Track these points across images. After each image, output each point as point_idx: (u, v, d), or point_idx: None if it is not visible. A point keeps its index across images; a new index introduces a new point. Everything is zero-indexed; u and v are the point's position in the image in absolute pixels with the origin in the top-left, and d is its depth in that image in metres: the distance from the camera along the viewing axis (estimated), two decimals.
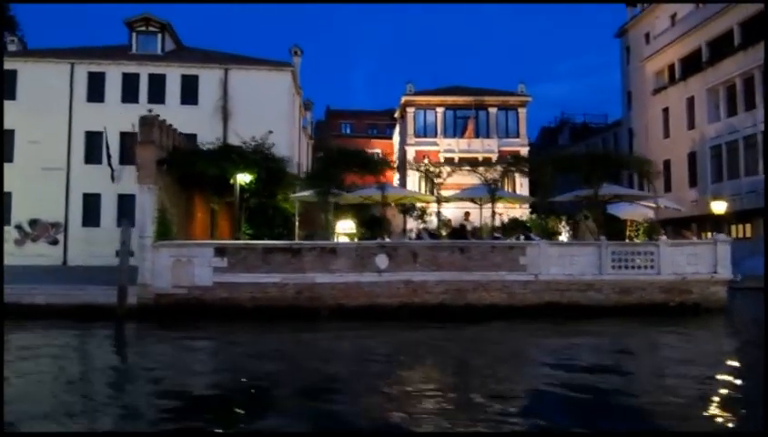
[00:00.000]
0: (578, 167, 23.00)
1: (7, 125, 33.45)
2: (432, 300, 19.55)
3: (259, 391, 10.49)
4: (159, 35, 36.50)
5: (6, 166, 33.01)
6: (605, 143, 49.89)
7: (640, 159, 25.97)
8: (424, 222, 26.77)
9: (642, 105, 43.95)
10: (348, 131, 57.28)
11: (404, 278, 19.43)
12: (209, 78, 34.89)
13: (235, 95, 34.72)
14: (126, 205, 33.70)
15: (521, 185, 39.24)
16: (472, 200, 25.70)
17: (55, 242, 33.87)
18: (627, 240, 23.17)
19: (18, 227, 33.80)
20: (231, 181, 21.37)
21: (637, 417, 8.94)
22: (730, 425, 8.58)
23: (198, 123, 34.36)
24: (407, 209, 27.54)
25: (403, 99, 40.56)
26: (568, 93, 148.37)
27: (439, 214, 24.70)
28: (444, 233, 22.96)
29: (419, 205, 27.06)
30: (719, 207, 28.96)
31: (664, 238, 22.17)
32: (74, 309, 18.30)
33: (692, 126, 37.90)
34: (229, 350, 14.90)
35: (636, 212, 25.72)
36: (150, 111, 21.57)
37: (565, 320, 19.08)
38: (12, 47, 36.76)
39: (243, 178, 21.26)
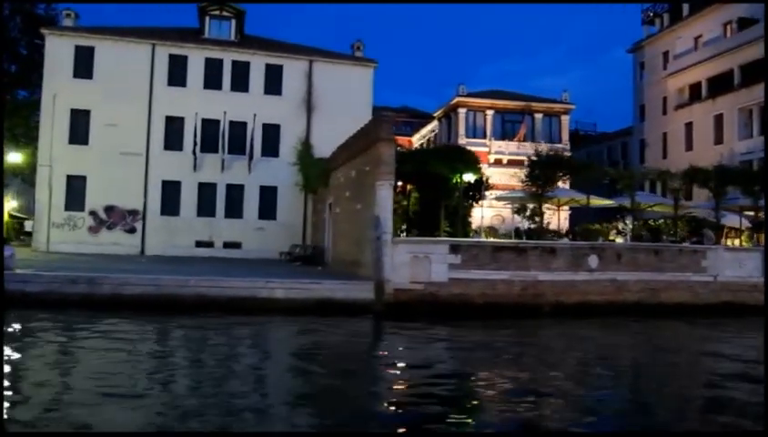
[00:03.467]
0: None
1: (84, 105, 32.11)
2: (631, 298, 21.06)
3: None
4: (233, 21, 35.66)
5: (82, 148, 31.76)
6: (612, 152, 53.20)
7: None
8: (534, 222, 28.11)
9: (658, 118, 47.39)
10: None
11: (610, 276, 20.83)
12: (294, 69, 34.60)
13: (318, 87, 34.61)
14: (206, 194, 33.10)
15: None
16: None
17: (132, 230, 32.53)
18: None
19: (93, 213, 32.19)
20: (455, 181, 21.86)
21: None
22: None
23: (281, 114, 34.22)
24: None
25: (455, 100, 41.63)
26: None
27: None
28: (644, 234, 24.50)
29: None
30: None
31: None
32: (313, 304, 18.29)
33: (719, 141, 41.45)
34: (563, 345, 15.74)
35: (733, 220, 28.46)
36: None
37: (737, 317, 21.20)
38: (68, 22, 34.64)
39: (468, 178, 21.81)
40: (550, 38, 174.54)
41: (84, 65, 32.25)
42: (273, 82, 34.30)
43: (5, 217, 58.37)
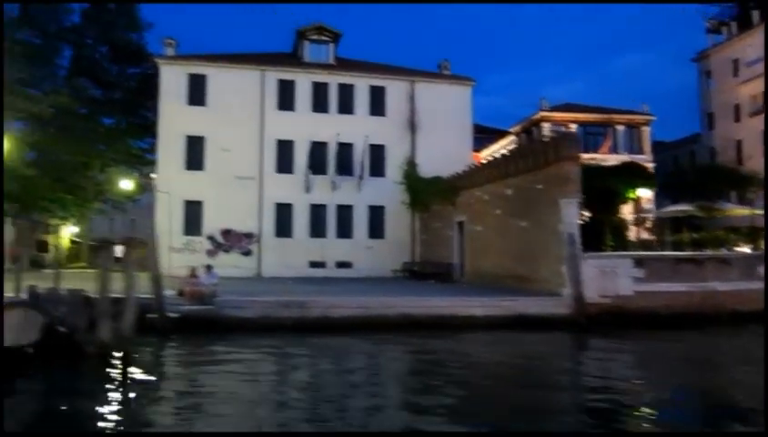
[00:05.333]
0: None
1: (198, 132, 32.71)
2: None
3: None
4: (330, 45, 36.31)
5: (198, 174, 32.32)
6: (678, 160, 53.63)
7: None
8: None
9: (729, 126, 47.85)
10: None
11: None
12: (396, 90, 35.18)
13: (420, 107, 35.15)
14: (317, 215, 33.59)
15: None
16: None
17: (248, 253, 32.98)
18: None
19: (210, 237, 32.66)
20: (629, 195, 22.34)
21: None
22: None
23: (385, 134, 34.75)
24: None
25: (538, 115, 42.21)
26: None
27: None
28: None
29: None
30: None
31: None
32: (509, 321, 18.66)
33: None
34: None
35: None
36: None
37: None
38: (169, 51, 35.36)
39: (644, 193, 22.28)
40: (554, 47, 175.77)
41: (197, 92, 32.89)
42: (377, 103, 34.90)
43: (66, 242, 59.08)
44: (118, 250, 43.44)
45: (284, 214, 33.42)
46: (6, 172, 30.63)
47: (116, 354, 11.88)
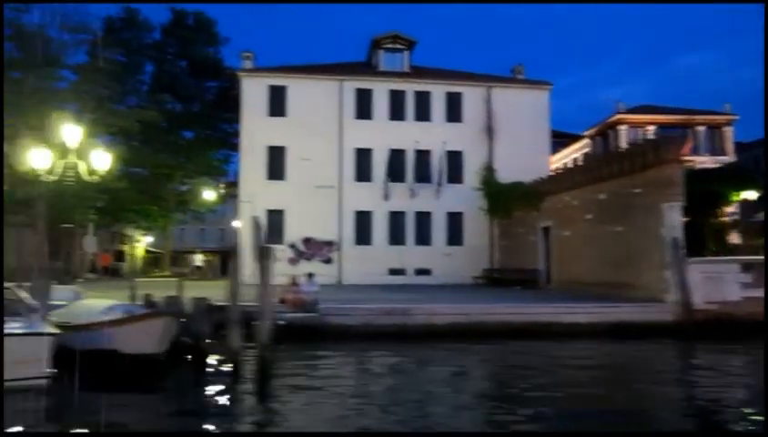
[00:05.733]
0: None
1: (279, 142, 33.27)
2: None
3: None
4: (405, 53, 36.48)
5: (279, 184, 32.83)
6: (758, 161, 51.69)
7: None
8: None
9: None
10: None
11: None
12: (473, 96, 35.05)
13: (497, 113, 34.92)
14: (396, 222, 33.69)
15: None
16: None
17: (328, 261, 33.32)
18: None
19: (292, 245, 33.14)
20: (734, 198, 21.78)
21: None
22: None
23: (463, 140, 34.66)
24: None
25: (615, 117, 41.45)
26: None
27: None
28: None
29: None
30: None
31: None
32: (611, 328, 18.26)
33: None
34: None
35: None
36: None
37: None
38: (247, 64, 36.19)
39: (750, 196, 21.68)
40: (609, 49, 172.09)
41: (277, 103, 33.52)
42: (454, 110, 34.86)
43: (141, 251, 60.96)
44: (198, 259, 45.00)
45: (363, 222, 33.68)
46: (99, 185, 31.85)
47: (246, 360, 12.16)
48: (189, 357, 13.08)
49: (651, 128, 41.60)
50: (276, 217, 33.16)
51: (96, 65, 34.31)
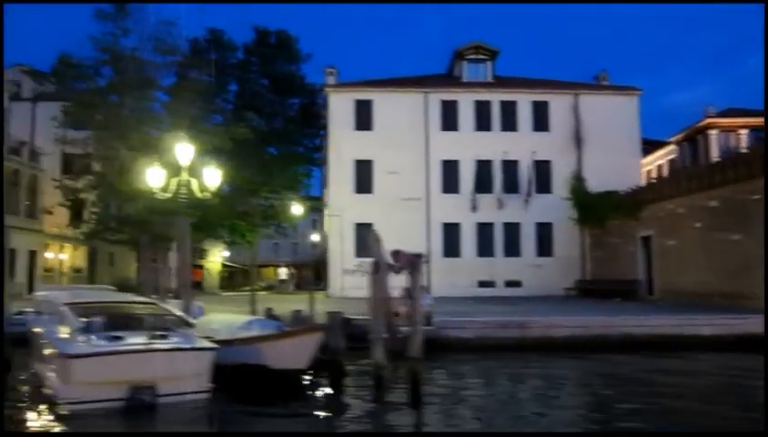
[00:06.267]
0: None
1: (365, 156, 33.43)
2: None
3: None
4: (488, 63, 36.24)
5: (366, 197, 32.92)
6: None
7: None
8: None
9: None
10: None
11: None
12: (560, 104, 34.48)
13: (585, 120, 34.21)
14: (484, 234, 33.31)
15: None
16: None
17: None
18: None
19: None
20: None
21: None
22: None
23: (551, 149, 34.05)
24: None
25: (704, 121, 40.02)
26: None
27: None
28: None
29: None
30: None
31: None
32: (738, 340, 17.45)
33: None
34: None
35: None
36: None
37: None
38: (330, 79, 36.64)
39: None
40: (676, 52, 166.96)
41: (364, 117, 33.77)
42: (540, 118, 34.37)
43: (217, 266, 62.16)
44: (282, 273, 45.53)
45: (451, 234, 33.50)
46: (195, 201, 32.64)
47: (388, 374, 12.09)
48: (327, 371, 13.10)
49: (744, 133, 39.98)
50: (364, 230, 33.19)
51: (187, 85, 35.38)
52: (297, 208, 37.64)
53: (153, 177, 20.58)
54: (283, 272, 44.07)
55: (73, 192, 33.70)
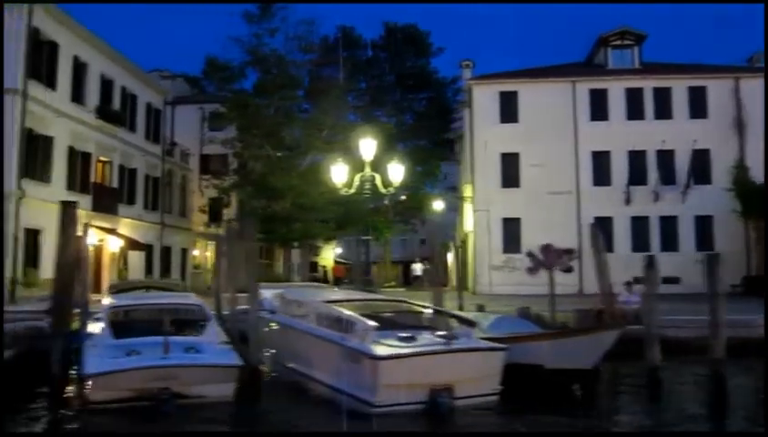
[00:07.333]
0: None
1: (511, 149, 32.62)
2: None
3: None
4: (635, 48, 34.57)
5: (513, 191, 32.11)
6: None
7: None
8: None
9: None
10: None
11: None
12: (719, 90, 32.42)
13: (747, 105, 32.00)
14: (639, 228, 31.79)
15: None
16: None
17: (569, 269, 31.82)
18: None
19: (529, 254, 32.15)
20: None
21: None
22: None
23: (709, 137, 32.13)
24: None
25: None
26: None
27: None
28: None
29: None
30: None
31: None
32: None
33: None
34: None
35: None
36: None
37: None
38: (466, 73, 35.99)
39: None
40: None
41: (508, 109, 32.92)
42: (697, 105, 32.45)
43: (330, 262, 62.76)
44: (417, 269, 45.37)
45: (603, 228, 31.81)
46: (336, 198, 32.87)
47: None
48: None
49: None
50: (511, 225, 32.56)
51: (326, 84, 35.60)
52: (438, 204, 37.43)
53: (337, 174, 20.63)
54: (418, 268, 43.83)
55: (224, 191, 34.61)
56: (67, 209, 11.26)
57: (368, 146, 20.81)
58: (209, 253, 39.78)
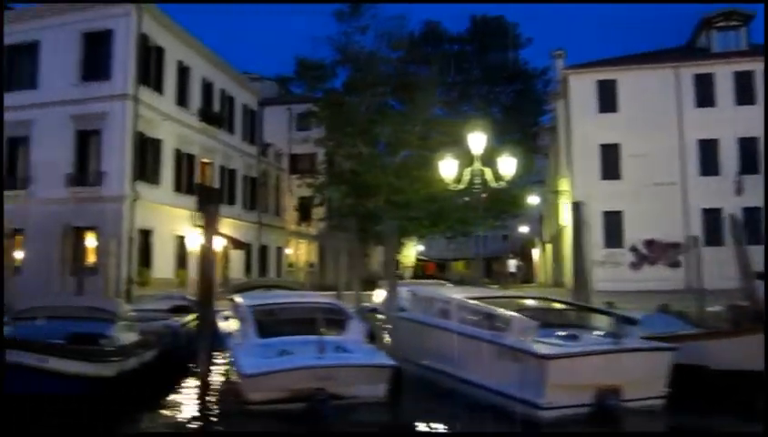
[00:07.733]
0: None
1: (612, 139, 31.40)
2: None
3: None
4: (742, 29, 32.71)
5: (614, 183, 30.90)
6: None
7: None
8: None
9: None
10: None
11: None
12: None
13: None
14: (753, 220, 29.90)
15: None
16: None
17: (675, 264, 30.59)
18: None
19: (633, 248, 31.05)
20: None
21: None
22: None
23: None
24: None
25: None
26: None
27: None
28: None
29: None
30: None
31: None
32: None
33: None
34: None
35: None
36: None
37: None
38: (559, 63, 34.92)
39: None
40: None
41: (607, 98, 31.80)
42: None
43: (412, 259, 62.34)
44: (512, 265, 44.65)
45: (712, 220, 30.53)
46: (430, 194, 32.57)
47: None
48: None
49: None
50: (613, 218, 31.43)
51: (415, 80, 35.31)
52: (533, 198, 36.58)
53: (446, 169, 20.31)
54: (512, 264, 43.13)
55: (318, 189, 34.87)
56: (209, 211, 11.37)
57: (477, 140, 20.49)
58: (301, 251, 40.25)
